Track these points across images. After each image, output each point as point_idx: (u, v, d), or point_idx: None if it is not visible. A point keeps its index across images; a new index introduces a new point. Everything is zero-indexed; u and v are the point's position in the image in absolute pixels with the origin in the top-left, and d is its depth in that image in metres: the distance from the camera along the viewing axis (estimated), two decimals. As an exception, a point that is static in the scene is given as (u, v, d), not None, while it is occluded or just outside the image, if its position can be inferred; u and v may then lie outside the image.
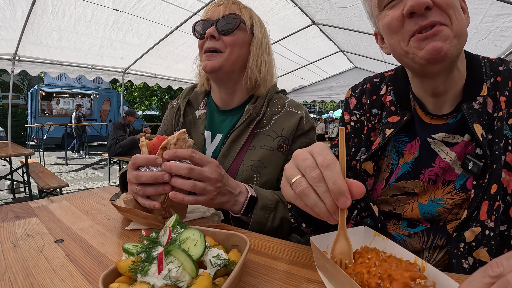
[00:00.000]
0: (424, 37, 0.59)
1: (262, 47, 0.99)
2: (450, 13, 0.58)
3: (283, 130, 0.96)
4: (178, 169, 0.65)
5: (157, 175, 0.66)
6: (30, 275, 0.51)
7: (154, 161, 0.66)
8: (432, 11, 0.58)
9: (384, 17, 0.64)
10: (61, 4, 3.98)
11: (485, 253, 0.62)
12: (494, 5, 3.38)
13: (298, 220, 0.73)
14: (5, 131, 11.61)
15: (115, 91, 14.97)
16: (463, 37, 0.61)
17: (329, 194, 0.44)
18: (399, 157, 0.75)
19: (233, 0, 0.97)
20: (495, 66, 0.68)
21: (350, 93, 0.87)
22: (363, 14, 4.61)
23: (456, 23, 0.59)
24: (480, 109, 0.64)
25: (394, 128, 0.72)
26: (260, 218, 0.79)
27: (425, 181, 0.71)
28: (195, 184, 0.67)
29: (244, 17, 0.95)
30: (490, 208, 0.61)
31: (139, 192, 0.68)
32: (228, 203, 0.75)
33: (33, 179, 3.86)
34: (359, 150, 0.81)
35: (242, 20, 0.93)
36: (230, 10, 0.94)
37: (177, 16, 4.75)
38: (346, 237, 0.48)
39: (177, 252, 0.43)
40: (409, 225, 0.74)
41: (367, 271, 0.42)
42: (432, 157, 0.70)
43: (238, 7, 0.96)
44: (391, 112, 0.76)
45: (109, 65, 6.14)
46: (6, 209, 0.85)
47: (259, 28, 0.99)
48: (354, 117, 0.83)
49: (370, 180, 0.78)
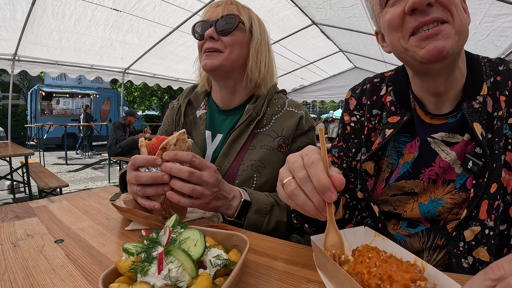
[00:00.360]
0: (426, 36, 0.58)
1: (261, 47, 0.99)
2: (452, 9, 0.58)
3: (283, 130, 0.96)
4: (179, 172, 0.66)
5: (157, 176, 0.66)
6: (30, 275, 0.51)
7: (153, 161, 0.67)
8: (434, 8, 0.58)
9: (385, 15, 0.64)
10: (61, 4, 3.98)
11: (484, 252, 0.62)
12: (494, 5, 3.38)
13: (300, 220, 0.73)
14: (5, 131, 11.60)
15: (115, 91, 14.96)
16: (464, 34, 0.60)
17: (316, 193, 0.47)
18: (399, 157, 0.75)
19: (232, 1, 0.97)
20: (495, 66, 0.68)
21: (350, 94, 0.87)
22: (363, 14, 4.62)
23: (458, 20, 0.58)
24: (480, 108, 0.64)
25: (394, 128, 0.73)
26: (255, 221, 0.79)
27: (425, 181, 0.71)
28: (194, 188, 0.68)
29: (242, 17, 0.94)
30: (489, 207, 0.61)
31: (139, 193, 0.68)
32: (222, 207, 0.76)
33: (33, 179, 3.86)
34: (359, 150, 0.81)
35: (240, 20, 0.93)
36: (229, 10, 0.94)
37: (177, 16, 4.75)
38: (336, 229, 0.50)
39: (177, 252, 0.43)
40: (409, 225, 0.74)
41: (368, 271, 0.42)
42: (432, 157, 0.70)
43: (237, 7, 0.96)
44: (391, 112, 0.76)
45: (109, 65, 6.14)
46: (6, 209, 0.85)
47: (258, 28, 0.99)
48: (354, 117, 0.83)
49: (370, 180, 0.78)
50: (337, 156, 0.87)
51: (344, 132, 0.86)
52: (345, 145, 0.86)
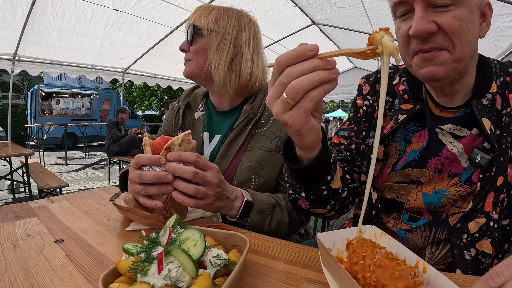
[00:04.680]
0: (423, 58, 0.61)
1: (221, 45, 0.95)
2: (454, 39, 0.59)
3: (282, 131, 0.95)
4: (183, 172, 0.66)
5: (161, 175, 0.66)
6: (30, 275, 0.51)
7: (157, 161, 0.67)
8: (435, 36, 0.59)
9: (397, 27, 0.66)
10: (61, 4, 3.98)
11: (488, 245, 0.63)
12: (494, 5, 3.34)
13: (296, 189, 0.66)
14: (5, 131, 11.59)
15: (115, 91, 14.95)
16: (467, 60, 0.62)
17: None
18: (406, 144, 0.77)
19: (199, 7, 0.98)
20: (504, 68, 0.70)
21: (364, 81, 0.89)
22: (363, 13, 4.62)
23: (459, 50, 0.59)
24: (489, 105, 0.66)
25: (407, 114, 0.74)
26: (256, 222, 0.80)
27: (431, 170, 0.72)
28: (198, 189, 0.68)
29: (200, 23, 0.94)
30: (495, 200, 0.62)
31: (141, 192, 0.68)
32: (225, 208, 0.76)
33: (33, 179, 3.85)
34: (368, 134, 0.83)
35: (196, 27, 0.94)
36: (193, 20, 0.96)
37: (177, 16, 4.75)
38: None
39: (177, 252, 0.43)
40: (410, 219, 0.75)
41: (362, 276, 0.42)
42: (439, 148, 0.71)
43: (200, 14, 0.96)
44: (404, 100, 0.77)
45: (109, 65, 6.14)
46: (6, 209, 0.85)
47: (225, 25, 0.95)
48: (367, 101, 0.85)
49: (377, 165, 0.79)
50: (346, 136, 0.87)
51: (356, 115, 0.88)
52: (356, 127, 0.87)
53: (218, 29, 0.95)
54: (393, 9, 0.64)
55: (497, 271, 0.31)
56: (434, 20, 0.58)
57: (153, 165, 0.68)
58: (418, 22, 0.58)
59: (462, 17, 0.57)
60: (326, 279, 0.49)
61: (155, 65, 6.39)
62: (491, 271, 0.32)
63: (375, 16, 4.59)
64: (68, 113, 13.05)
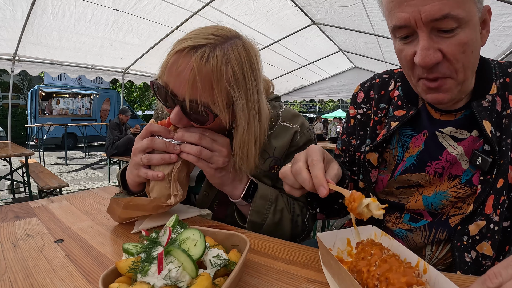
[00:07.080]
0: (430, 87, 0.62)
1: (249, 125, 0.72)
2: (457, 66, 0.58)
3: (275, 149, 0.85)
4: (190, 136, 0.70)
5: (169, 143, 0.70)
6: (30, 275, 0.51)
7: (168, 131, 0.71)
8: (440, 64, 0.59)
9: (397, 49, 0.64)
10: (61, 4, 3.97)
11: (488, 247, 0.63)
12: (494, 5, 3.38)
13: (313, 205, 0.81)
14: (5, 131, 11.58)
15: (115, 91, 14.94)
16: (469, 79, 0.63)
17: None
18: (404, 150, 0.77)
19: (198, 68, 0.66)
20: (504, 68, 0.70)
21: (359, 88, 0.89)
22: (363, 13, 4.61)
23: (461, 75, 0.60)
24: (489, 107, 0.66)
25: (399, 121, 0.74)
26: (260, 208, 0.77)
27: (431, 174, 0.72)
28: (202, 150, 0.70)
29: (217, 105, 0.67)
30: (495, 202, 0.62)
31: (144, 160, 0.70)
32: (229, 185, 0.77)
33: (33, 179, 3.85)
34: (364, 142, 0.83)
35: (214, 114, 0.68)
36: (197, 89, 0.65)
37: (177, 16, 4.75)
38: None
39: (177, 252, 0.43)
40: (411, 219, 0.75)
41: (367, 269, 0.42)
42: (439, 151, 0.71)
43: (210, 82, 0.66)
44: (397, 106, 0.77)
45: (109, 65, 6.13)
46: (6, 209, 0.85)
47: (242, 93, 0.69)
48: (361, 110, 0.86)
49: (374, 171, 0.79)
50: (341, 150, 0.92)
51: (347, 125, 0.89)
52: (347, 139, 0.88)
53: (237, 98, 0.69)
54: (393, 31, 0.62)
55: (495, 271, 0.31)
56: (440, 48, 0.57)
57: (163, 134, 0.71)
58: (425, 54, 0.56)
59: (467, 41, 0.56)
60: (326, 279, 0.49)
61: (155, 65, 6.37)
62: (489, 272, 0.32)
63: (375, 15, 4.59)
64: (68, 113, 13.04)
